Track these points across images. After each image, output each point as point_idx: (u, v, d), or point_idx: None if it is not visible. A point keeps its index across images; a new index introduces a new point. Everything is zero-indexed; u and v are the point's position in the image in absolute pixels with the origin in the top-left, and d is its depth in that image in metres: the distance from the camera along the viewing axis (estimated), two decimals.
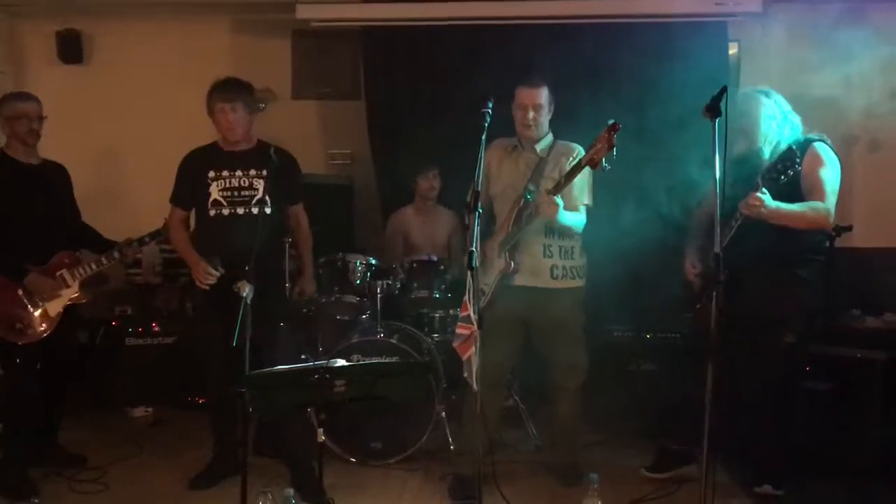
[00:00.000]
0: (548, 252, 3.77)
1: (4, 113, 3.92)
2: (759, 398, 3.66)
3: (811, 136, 3.67)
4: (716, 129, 3.01)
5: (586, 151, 3.47)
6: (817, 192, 3.48)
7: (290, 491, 3.02)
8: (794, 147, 3.42)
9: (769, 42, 5.49)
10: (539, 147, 3.83)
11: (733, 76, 5.49)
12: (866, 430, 3.87)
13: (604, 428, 4.54)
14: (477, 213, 2.99)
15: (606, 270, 4.22)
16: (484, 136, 3.29)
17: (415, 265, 4.49)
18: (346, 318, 4.52)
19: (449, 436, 4.19)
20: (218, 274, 3.63)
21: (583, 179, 3.74)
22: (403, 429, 4.11)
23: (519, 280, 3.76)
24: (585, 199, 3.80)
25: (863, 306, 4.81)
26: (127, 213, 5.50)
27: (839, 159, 3.66)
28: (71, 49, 6.08)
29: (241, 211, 3.74)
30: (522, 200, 3.73)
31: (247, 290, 3.00)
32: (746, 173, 3.55)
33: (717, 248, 2.94)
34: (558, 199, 3.53)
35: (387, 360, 3.95)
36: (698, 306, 3.73)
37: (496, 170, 3.92)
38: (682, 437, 4.06)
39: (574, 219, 3.73)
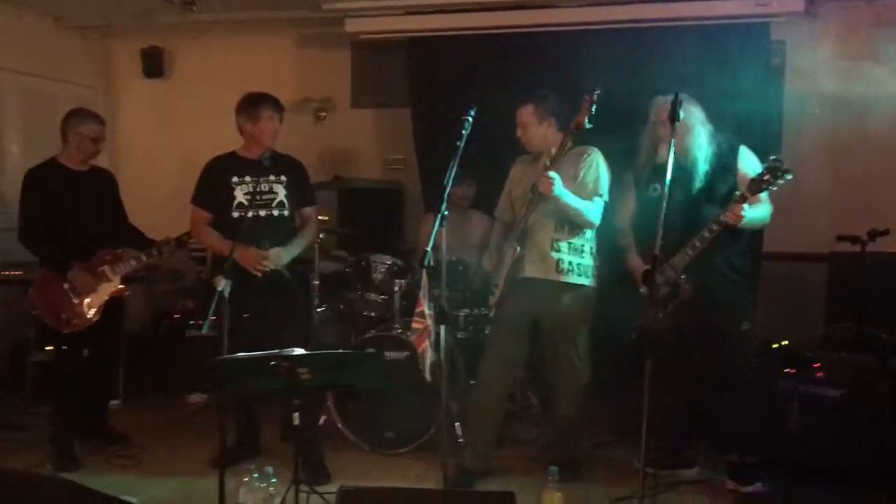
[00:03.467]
0: (555, 246, 3.89)
1: (80, 129, 4.31)
2: (728, 386, 3.86)
3: (730, 141, 3.90)
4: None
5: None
6: None
7: (270, 469, 3.32)
8: (778, 158, 3.53)
9: (815, 41, 5.36)
10: (553, 152, 3.93)
11: (778, 77, 5.40)
12: None
13: (620, 427, 4.59)
14: (442, 214, 3.18)
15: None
16: (461, 143, 3.47)
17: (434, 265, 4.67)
18: (373, 314, 4.77)
19: (458, 429, 4.35)
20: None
21: (597, 172, 3.91)
22: (416, 421, 4.30)
23: (527, 271, 3.90)
24: (600, 190, 3.90)
25: None
26: None
27: None
28: (154, 65, 6.66)
29: (262, 213, 4.05)
30: (530, 193, 3.87)
31: (222, 285, 3.29)
32: (677, 180, 3.70)
33: None
34: (556, 178, 3.68)
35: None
36: (661, 315, 3.83)
37: (518, 179, 4.13)
38: (679, 439, 4.13)
39: (582, 203, 3.82)
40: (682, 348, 3.96)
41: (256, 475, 3.36)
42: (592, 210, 3.87)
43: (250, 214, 4.00)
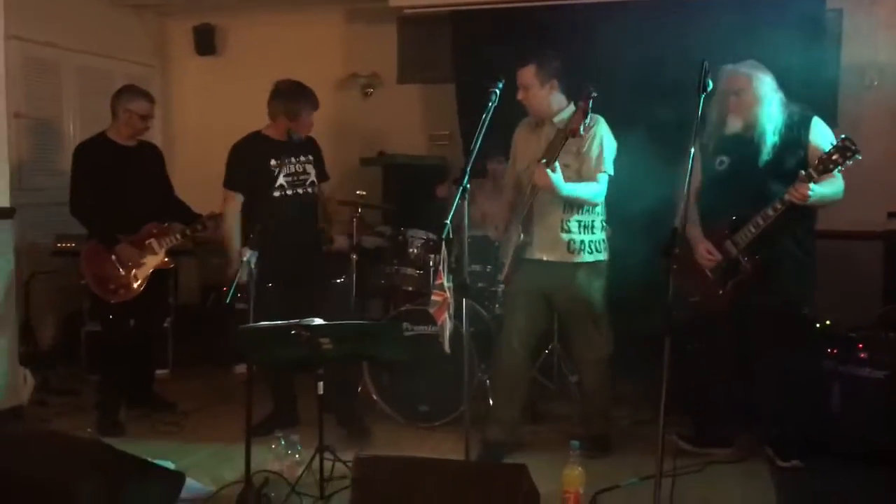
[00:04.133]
0: (565, 227, 3.83)
1: (130, 106, 4.40)
2: (786, 371, 3.76)
3: (802, 111, 3.69)
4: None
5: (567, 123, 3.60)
6: None
7: (296, 437, 3.39)
8: (848, 137, 3.37)
9: (872, 10, 5.13)
10: (557, 120, 3.84)
11: (834, 47, 5.20)
12: None
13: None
14: (462, 187, 3.16)
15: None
16: (487, 116, 3.43)
17: (470, 241, 4.67)
18: (410, 288, 4.79)
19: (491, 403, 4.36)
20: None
21: (601, 146, 3.79)
22: (450, 394, 4.31)
23: (536, 254, 3.86)
24: (604, 166, 3.80)
25: None
26: None
27: None
28: (206, 42, 6.77)
29: (300, 191, 4.25)
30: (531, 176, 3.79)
31: (248, 255, 3.37)
32: (744, 153, 3.54)
33: None
34: (556, 173, 3.58)
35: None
36: (721, 292, 3.73)
37: (522, 148, 4.03)
38: (721, 418, 4.04)
39: (584, 189, 3.75)
40: (733, 326, 3.86)
41: (283, 443, 3.45)
42: (596, 192, 3.80)
43: (290, 193, 4.21)
